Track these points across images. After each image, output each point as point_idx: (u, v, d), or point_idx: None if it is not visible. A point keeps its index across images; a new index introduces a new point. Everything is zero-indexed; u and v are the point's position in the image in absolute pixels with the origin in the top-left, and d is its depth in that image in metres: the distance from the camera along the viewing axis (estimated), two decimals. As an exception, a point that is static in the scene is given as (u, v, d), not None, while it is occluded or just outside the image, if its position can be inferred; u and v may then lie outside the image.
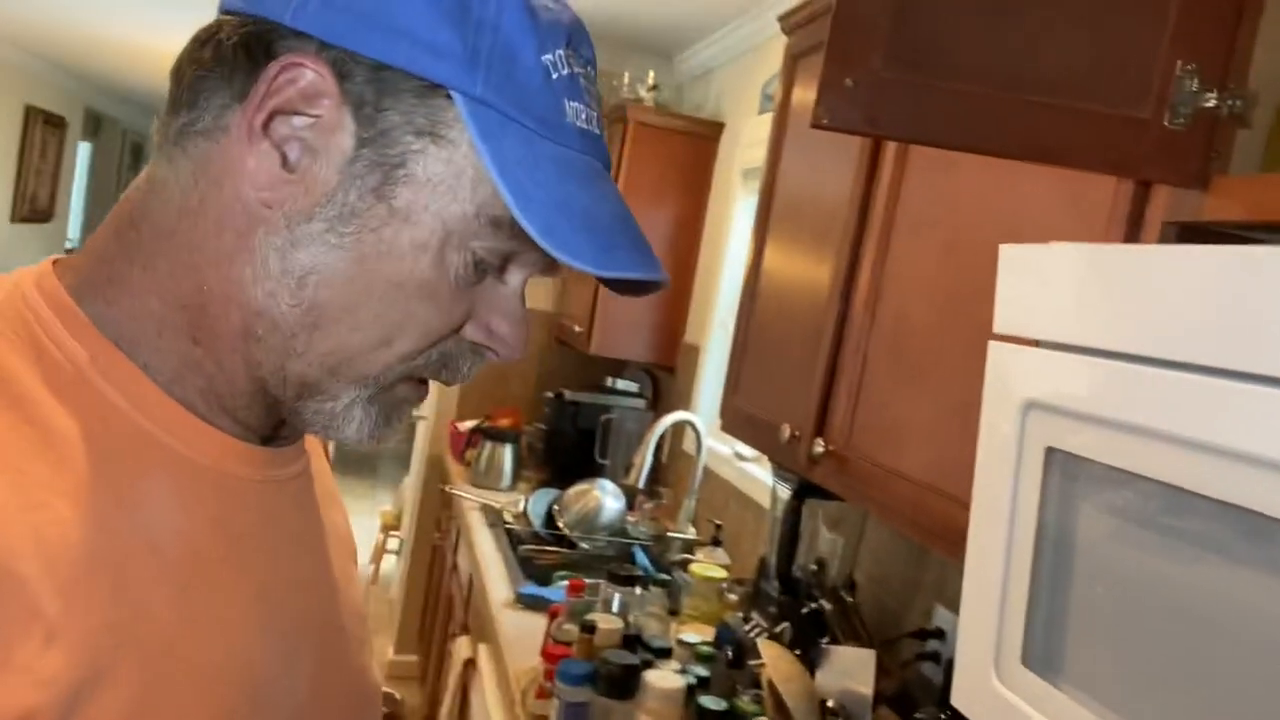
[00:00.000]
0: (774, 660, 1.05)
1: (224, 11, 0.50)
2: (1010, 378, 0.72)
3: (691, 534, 2.37)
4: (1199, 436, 0.55)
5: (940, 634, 1.40)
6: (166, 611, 0.47)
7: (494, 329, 0.53)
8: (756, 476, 2.17)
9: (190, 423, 0.51)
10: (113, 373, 0.48)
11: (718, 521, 2.12)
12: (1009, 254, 0.74)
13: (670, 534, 2.37)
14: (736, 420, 1.58)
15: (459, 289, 0.50)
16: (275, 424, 0.55)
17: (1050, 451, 0.68)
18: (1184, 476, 0.56)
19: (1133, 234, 0.80)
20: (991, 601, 0.74)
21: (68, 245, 7.82)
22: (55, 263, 0.52)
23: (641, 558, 2.27)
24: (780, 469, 1.51)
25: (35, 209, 6.77)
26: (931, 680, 1.40)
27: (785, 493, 1.50)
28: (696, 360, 2.69)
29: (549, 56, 0.49)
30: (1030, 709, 0.69)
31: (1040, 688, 0.69)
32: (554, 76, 0.49)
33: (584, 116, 0.51)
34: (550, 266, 0.53)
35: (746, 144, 2.58)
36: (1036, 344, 0.70)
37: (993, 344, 0.74)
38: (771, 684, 1.05)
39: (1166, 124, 0.74)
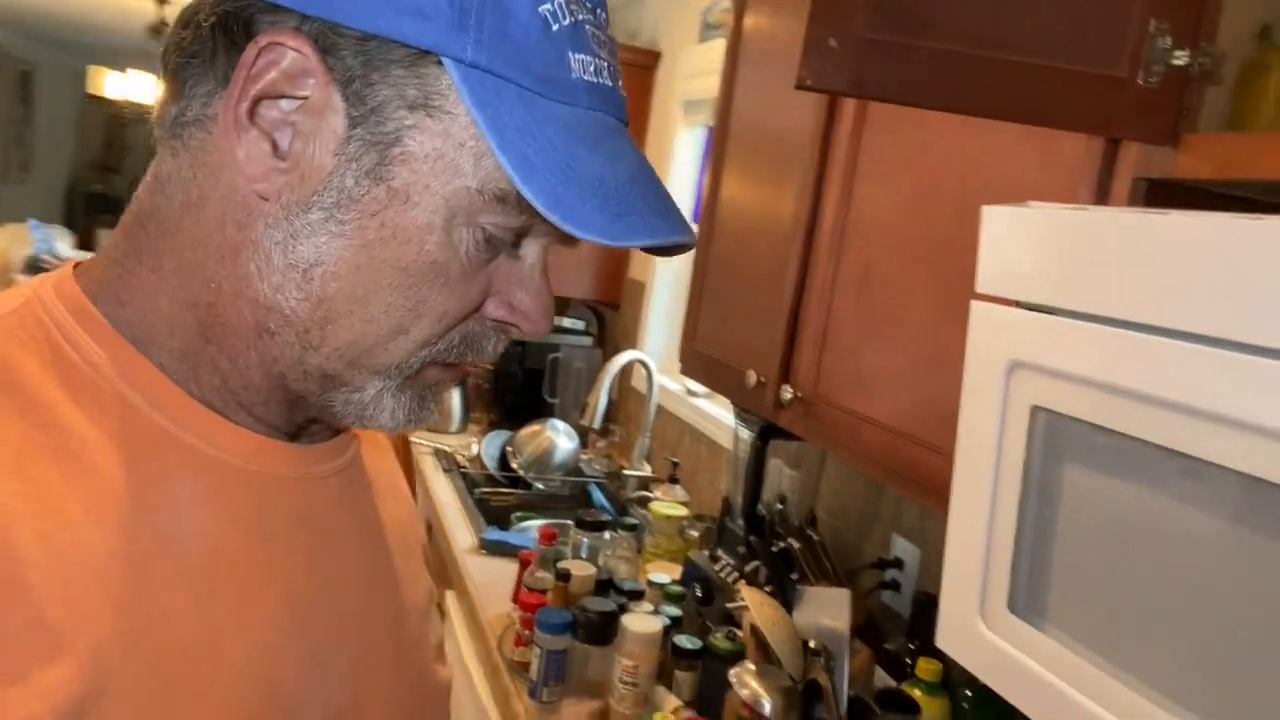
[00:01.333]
0: (758, 606, 1.09)
1: None
2: (994, 338, 0.74)
3: (647, 471, 2.40)
4: (1179, 398, 0.57)
5: (899, 563, 1.47)
6: (186, 617, 0.45)
7: (515, 304, 0.51)
8: (710, 413, 2.20)
9: (214, 422, 0.49)
10: (132, 374, 0.47)
11: (675, 459, 2.15)
12: (991, 214, 0.75)
13: (625, 471, 2.40)
14: (697, 364, 1.59)
15: (471, 268, 0.48)
16: (300, 420, 0.53)
17: (1035, 410, 0.71)
18: (1164, 435, 0.59)
19: (1103, 189, 0.82)
20: (977, 550, 0.77)
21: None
22: (75, 266, 0.50)
23: (598, 496, 2.30)
24: (744, 412, 1.53)
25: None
26: (894, 609, 1.46)
27: (747, 434, 1.53)
28: (642, 296, 2.69)
29: (547, 6, 0.45)
30: (1016, 652, 0.73)
31: (1026, 632, 0.72)
32: (554, 28, 0.46)
33: (592, 68, 0.47)
34: (568, 237, 0.49)
35: (687, 74, 2.54)
36: (1019, 305, 0.72)
37: (975, 304, 0.75)
38: (755, 628, 1.09)
39: (1141, 82, 0.75)
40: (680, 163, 2.58)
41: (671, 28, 2.70)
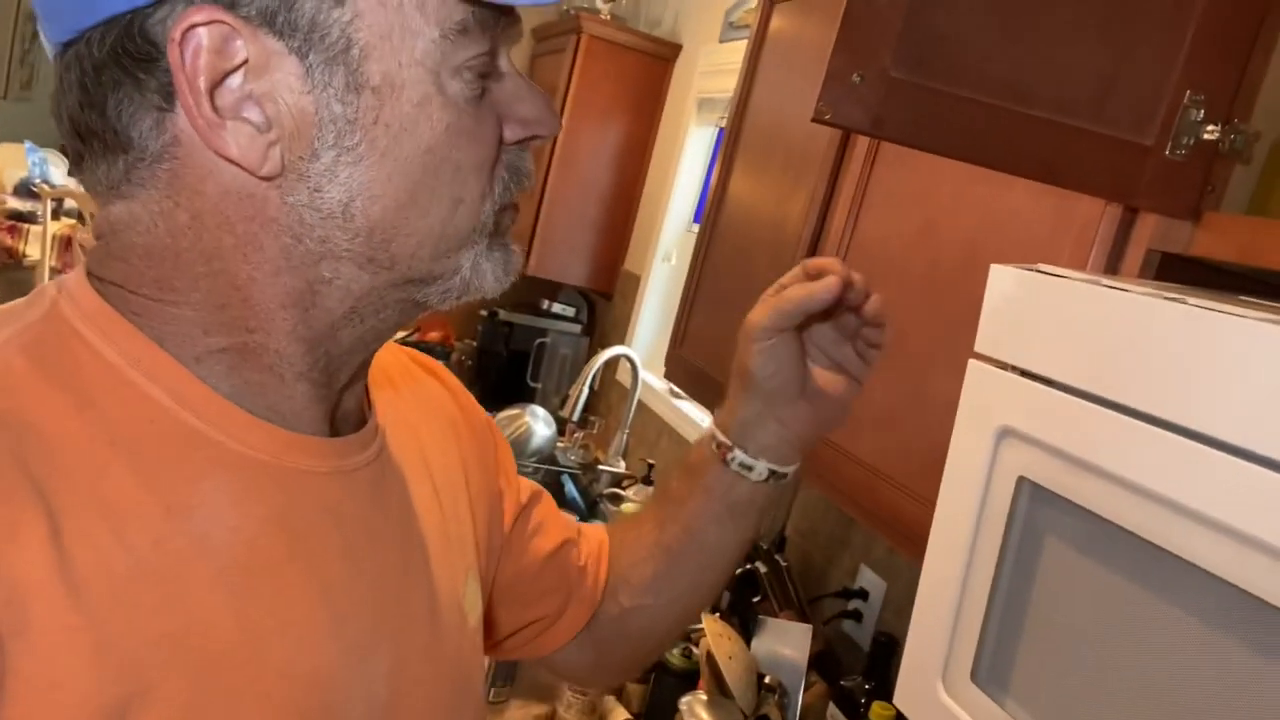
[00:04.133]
0: (716, 636, 1.07)
1: (69, 40, 0.45)
2: (988, 400, 0.72)
3: (622, 467, 2.38)
4: (1167, 493, 0.56)
5: (863, 594, 1.45)
6: (223, 618, 0.45)
7: (524, 118, 0.51)
8: (690, 415, 2.18)
9: (243, 419, 0.49)
10: (157, 374, 0.47)
11: (650, 460, 2.13)
12: (999, 274, 0.73)
13: (600, 466, 2.38)
14: (681, 371, 1.57)
15: (478, 111, 0.49)
16: (335, 393, 0.53)
17: (1021, 480, 0.69)
18: (1148, 528, 0.57)
19: (1116, 256, 0.80)
20: (946, 613, 0.75)
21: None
22: (89, 274, 0.49)
23: (570, 488, 2.28)
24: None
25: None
26: (854, 639, 1.45)
27: (725, 447, 1.50)
28: (636, 290, 2.66)
29: None
30: (973, 723, 0.71)
31: (985, 705, 0.71)
32: None
33: None
34: (514, 32, 0.51)
35: (704, 72, 2.50)
36: (1016, 370, 0.70)
37: (973, 363, 0.73)
38: (711, 657, 1.07)
39: (1167, 153, 0.73)
40: (689, 159, 2.55)
41: (694, 22, 2.66)
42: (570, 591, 0.77)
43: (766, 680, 1.03)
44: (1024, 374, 0.69)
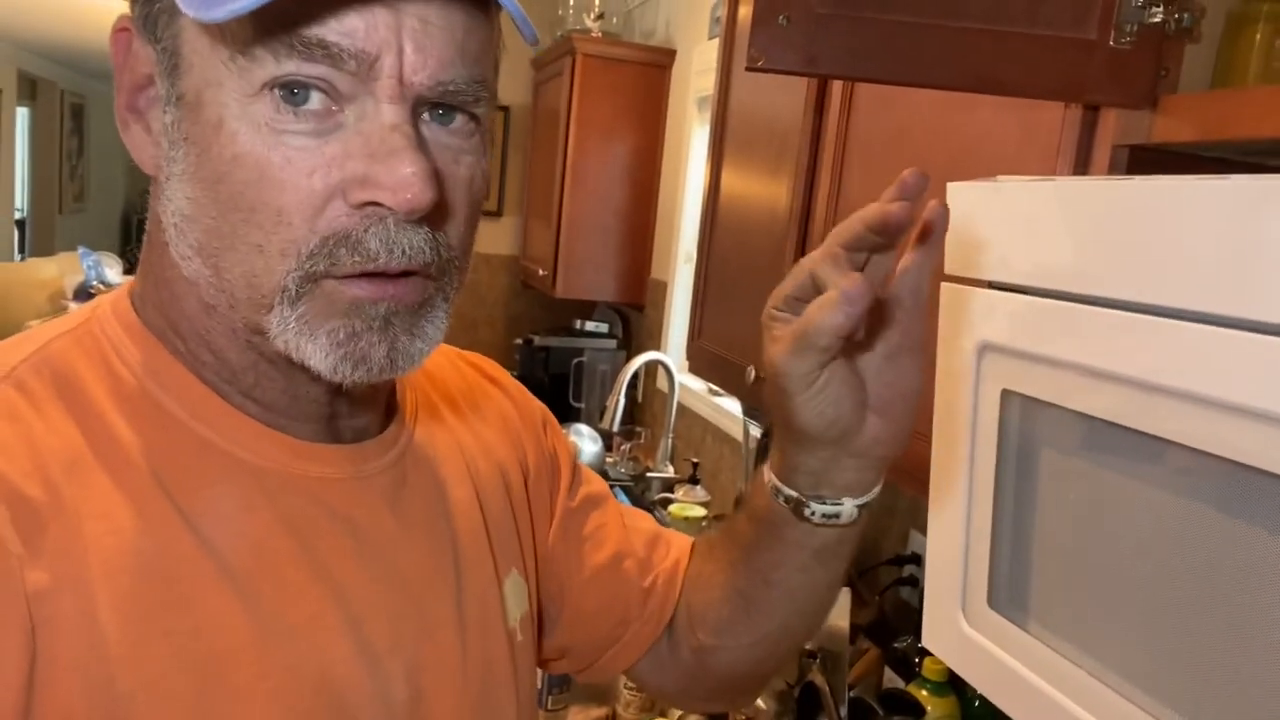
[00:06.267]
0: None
1: None
2: (963, 320, 0.70)
3: (670, 472, 2.37)
4: (1151, 378, 0.54)
5: (916, 559, 1.42)
6: (232, 619, 0.47)
7: (369, 177, 0.44)
8: (730, 411, 2.17)
9: (253, 429, 0.50)
10: (170, 383, 0.49)
11: (695, 460, 2.12)
12: (956, 191, 0.72)
13: (650, 474, 2.38)
14: (703, 361, 1.57)
15: (290, 153, 0.44)
16: (317, 398, 0.52)
17: (1006, 394, 0.67)
18: (1140, 419, 0.55)
19: (1083, 160, 0.78)
20: (955, 544, 0.73)
21: (17, 215, 7.62)
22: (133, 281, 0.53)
23: (623, 499, 2.28)
24: (751, 408, 1.50)
25: (-22, 182, 6.54)
26: (910, 604, 1.42)
27: (756, 430, 1.50)
28: (665, 296, 2.67)
29: None
30: (998, 650, 0.69)
31: (1007, 629, 0.69)
32: None
33: None
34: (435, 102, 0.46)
35: (699, 70, 2.51)
36: (989, 285, 0.68)
37: (944, 285, 0.72)
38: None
39: (1113, 44, 0.71)
40: (697, 159, 2.55)
41: (684, 25, 2.67)
42: (626, 615, 0.72)
43: (807, 647, 1.02)
44: (993, 286, 0.68)
